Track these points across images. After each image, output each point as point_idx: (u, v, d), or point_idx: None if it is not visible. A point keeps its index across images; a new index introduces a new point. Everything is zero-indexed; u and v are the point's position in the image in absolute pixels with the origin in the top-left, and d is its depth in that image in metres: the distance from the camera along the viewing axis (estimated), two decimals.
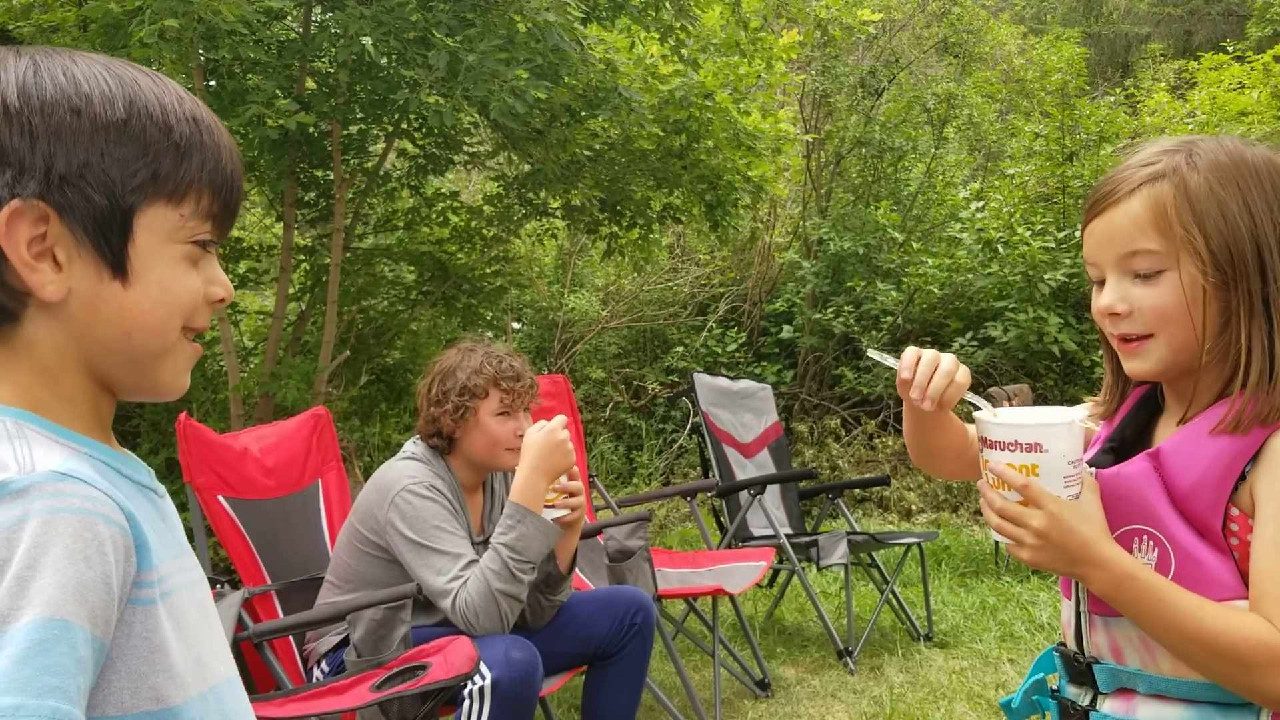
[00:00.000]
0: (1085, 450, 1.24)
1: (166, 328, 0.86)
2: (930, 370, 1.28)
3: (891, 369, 1.33)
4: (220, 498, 2.91)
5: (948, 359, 1.29)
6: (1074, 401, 1.37)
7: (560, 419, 2.57)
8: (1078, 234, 7.83)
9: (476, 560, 2.52)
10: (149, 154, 0.84)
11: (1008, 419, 1.19)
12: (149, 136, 0.84)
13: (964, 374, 1.29)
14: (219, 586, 2.77)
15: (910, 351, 1.30)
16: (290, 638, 2.84)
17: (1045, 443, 1.15)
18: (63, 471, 0.77)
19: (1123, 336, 1.20)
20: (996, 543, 6.04)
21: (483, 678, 2.32)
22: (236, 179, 0.91)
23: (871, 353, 1.38)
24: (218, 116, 0.93)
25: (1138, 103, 10.27)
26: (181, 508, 5.22)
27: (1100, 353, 1.36)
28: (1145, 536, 1.15)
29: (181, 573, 0.88)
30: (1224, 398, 1.15)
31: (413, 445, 2.80)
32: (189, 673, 0.84)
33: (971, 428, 1.41)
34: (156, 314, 0.85)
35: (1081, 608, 1.23)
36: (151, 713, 0.80)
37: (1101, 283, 1.23)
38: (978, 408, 1.25)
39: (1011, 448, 1.16)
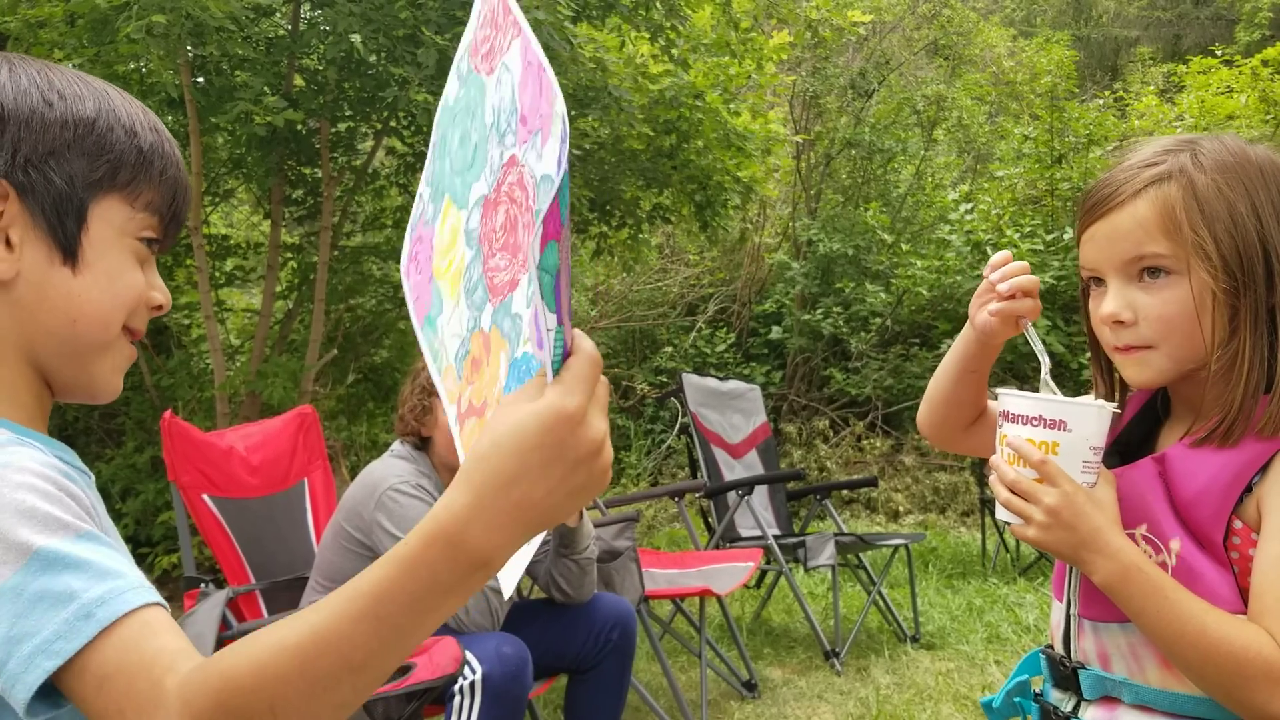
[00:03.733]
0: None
1: (110, 320, 0.88)
2: (1020, 269, 1.23)
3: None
4: (205, 496, 2.90)
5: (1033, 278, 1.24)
6: None
7: None
8: (1066, 236, 7.86)
9: None
10: (113, 151, 0.87)
11: (1036, 394, 1.15)
12: (114, 135, 0.88)
13: (1035, 305, 1.24)
14: (203, 585, 2.76)
15: (1004, 253, 1.26)
16: None
17: (1070, 422, 1.11)
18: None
19: (1123, 347, 1.16)
20: (984, 544, 6.05)
21: (474, 672, 2.31)
22: (187, 191, 0.95)
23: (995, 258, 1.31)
24: (205, 114, 0.95)
25: (1126, 106, 10.30)
26: (166, 506, 5.22)
27: (1088, 355, 1.32)
28: (1144, 541, 1.13)
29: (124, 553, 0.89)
30: (1226, 409, 1.11)
31: (399, 445, 2.80)
32: None
33: (994, 404, 1.38)
34: (103, 304, 0.87)
35: (1071, 611, 1.21)
36: None
37: (1094, 282, 1.19)
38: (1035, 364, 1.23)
39: (1035, 422, 1.12)
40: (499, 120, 0.78)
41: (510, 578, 0.80)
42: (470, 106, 0.85)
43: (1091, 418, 1.12)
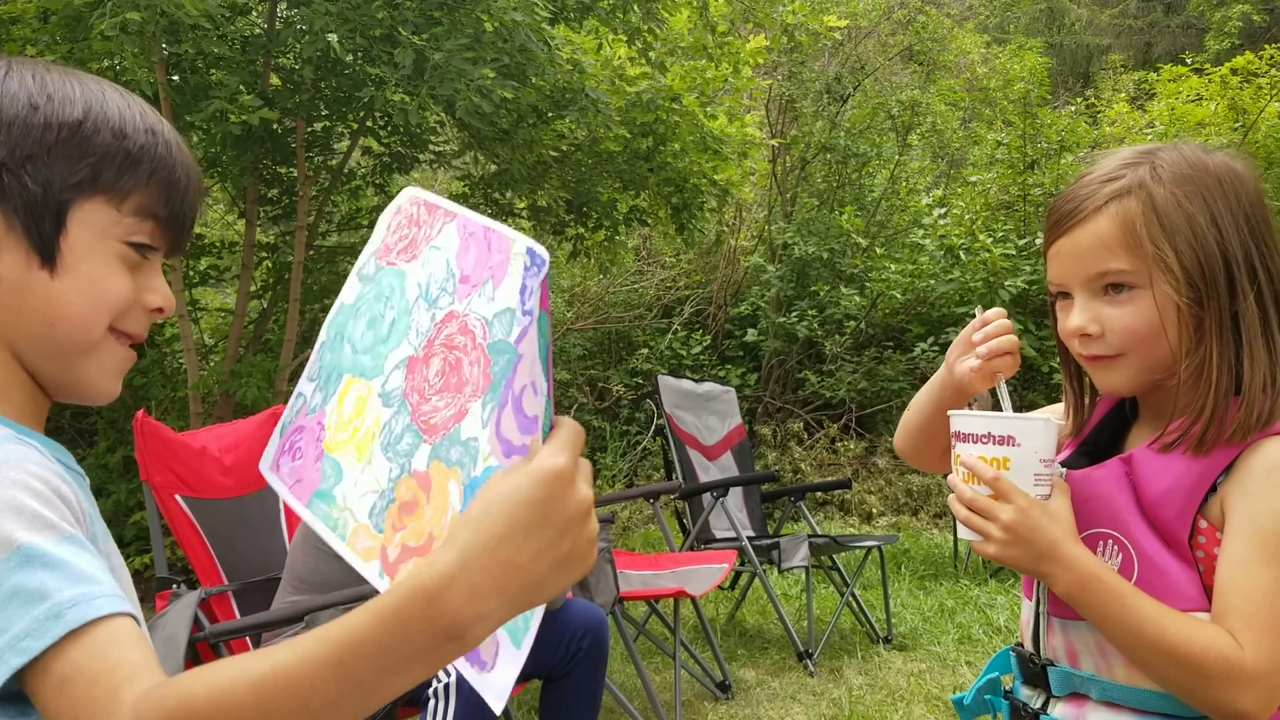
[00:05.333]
0: (1059, 453, 1.23)
1: (91, 323, 0.87)
2: (1001, 330, 1.26)
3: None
4: (177, 497, 2.88)
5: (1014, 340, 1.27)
6: (1032, 408, 1.35)
7: None
8: (1038, 242, 7.93)
9: None
10: (95, 154, 0.86)
11: (983, 412, 1.17)
12: (101, 139, 0.87)
13: (1014, 362, 1.27)
14: (176, 586, 2.74)
15: (996, 310, 1.29)
16: (247, 639, 2.82)
17: (1019, 437, 1.14)
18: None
19: (1093, 356, 1.18)
20: (956, 546, 6.10)
21: (448, 674, 2.30)
22: (189, 194, 0.92)
23: (977, 310, 1.32)
24: (180, 112, 0.94)
25: (1098, 113, 10.41)
26: (138, 506, 5.18)
27: (1059, 360, 1.34)
28: (1110, 541, 1.15)
29: (116, 554, 0.89)
30: (1198, 415, 1.13)
31: None
32: None
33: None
34: (81, 307, 0.86)
35: (1041, 609, 1.23)
36: None
37: (1061, 295, 1.21)
38: (996, 401, 1.25)
39: (984, 440, 1.15)
40: (427, 291, 0.85)
41: (503, 686, 0.80)
42: (382, 294, 0.91)
43: (1038, 431, 1.14)
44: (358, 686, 0.67)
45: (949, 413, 1.22)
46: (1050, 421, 1.15)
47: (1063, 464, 1.24)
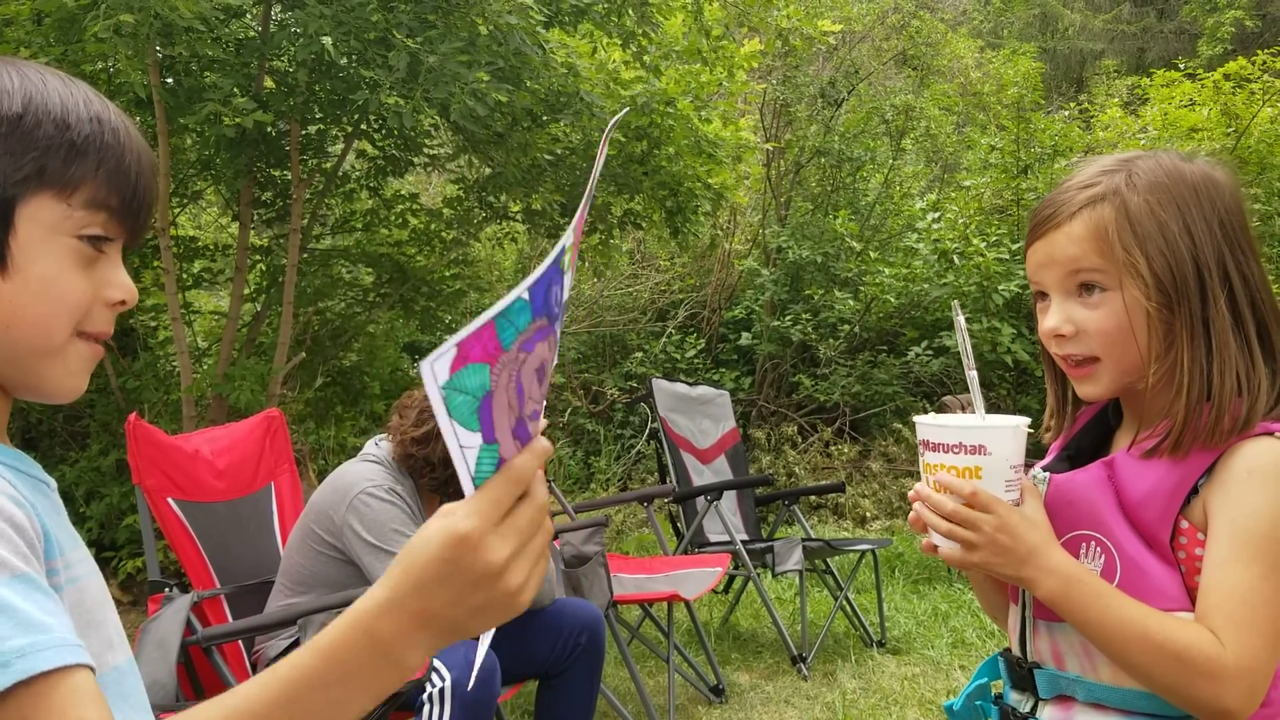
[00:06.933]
0: (1043, 458, 1.24)
1: (50, 326, 0.83)
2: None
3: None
4: (170, 500, 2.87)
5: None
6: (1026, 411, 1.36)
7: None
8: None
9: None
10: (39, 148, 0.82)
11: (951, 421, 1.18)
12: (43, 132, 0.82)
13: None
14: (168, 590, 2.74)
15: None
16: (239, 642, 2.81)
17: (990, 445, 1.15)
18: None
19: (1069, 359, 1.20)
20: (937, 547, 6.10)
21: (442, 679, 2.31)
22: (142, 180, 0.89)
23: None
24: (174, 115, 0.91)
25: (1091, 118, 10.43)
26: (131, 509, 5.17)
27: (1043, 362, 1.36)
28: (1093, 543, 1.16)
29: (84, 561, 0.88)
30: (1171, 419, 1.15)
31: (374, 447, 2.77)
32: (95, 657, 0.83)
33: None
34: (36, 309, 0.82)
35: (1027, 613, 1.24)
36: None
37: (1041, 297, 1.23)
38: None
39: (955, 450, 1.16)
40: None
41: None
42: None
43: (1008, 438, 1.16)
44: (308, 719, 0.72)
45: (915, 419, 1.23)
46: (1020, 427, 1.17)
47: (1045, 468, 1.26)
